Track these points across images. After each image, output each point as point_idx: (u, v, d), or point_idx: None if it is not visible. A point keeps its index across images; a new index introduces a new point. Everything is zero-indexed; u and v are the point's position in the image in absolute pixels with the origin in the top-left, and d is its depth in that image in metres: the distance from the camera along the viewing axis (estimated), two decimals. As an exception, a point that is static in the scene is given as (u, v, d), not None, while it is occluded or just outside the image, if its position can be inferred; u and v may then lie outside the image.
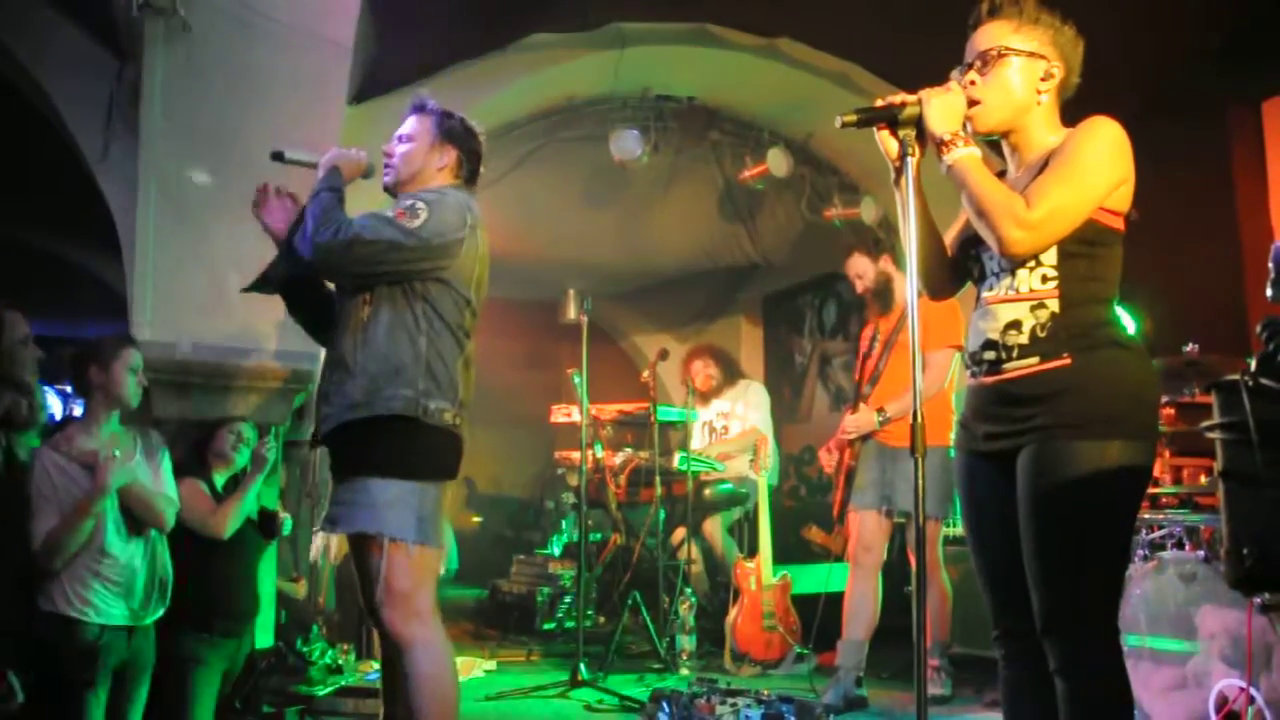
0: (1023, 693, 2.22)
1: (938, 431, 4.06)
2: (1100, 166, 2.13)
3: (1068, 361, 2.12)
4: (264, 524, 3.79)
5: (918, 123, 2.17)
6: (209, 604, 3.51)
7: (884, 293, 4.49)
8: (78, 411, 3.54)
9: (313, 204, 2.72)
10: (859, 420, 4.33)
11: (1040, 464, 2.12)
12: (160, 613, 3.28)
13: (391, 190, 2.92)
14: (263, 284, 2.94)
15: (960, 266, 2.36)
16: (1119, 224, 2.19)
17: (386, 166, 2.90)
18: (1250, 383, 2.40)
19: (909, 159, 2.17)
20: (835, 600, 4.41)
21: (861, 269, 4.52)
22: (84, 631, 3.05)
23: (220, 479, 3.72)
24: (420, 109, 2.93)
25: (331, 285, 2.96)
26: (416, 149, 2.88)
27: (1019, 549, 2.15)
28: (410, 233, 2.64)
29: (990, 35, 2.25)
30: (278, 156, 2.88)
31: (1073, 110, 2.29)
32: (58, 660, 3.03)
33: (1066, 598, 2.09)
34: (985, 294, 2.27)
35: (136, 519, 3.20)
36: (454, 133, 2.90)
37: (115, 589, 3.12)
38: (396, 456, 2.63)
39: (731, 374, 6.36)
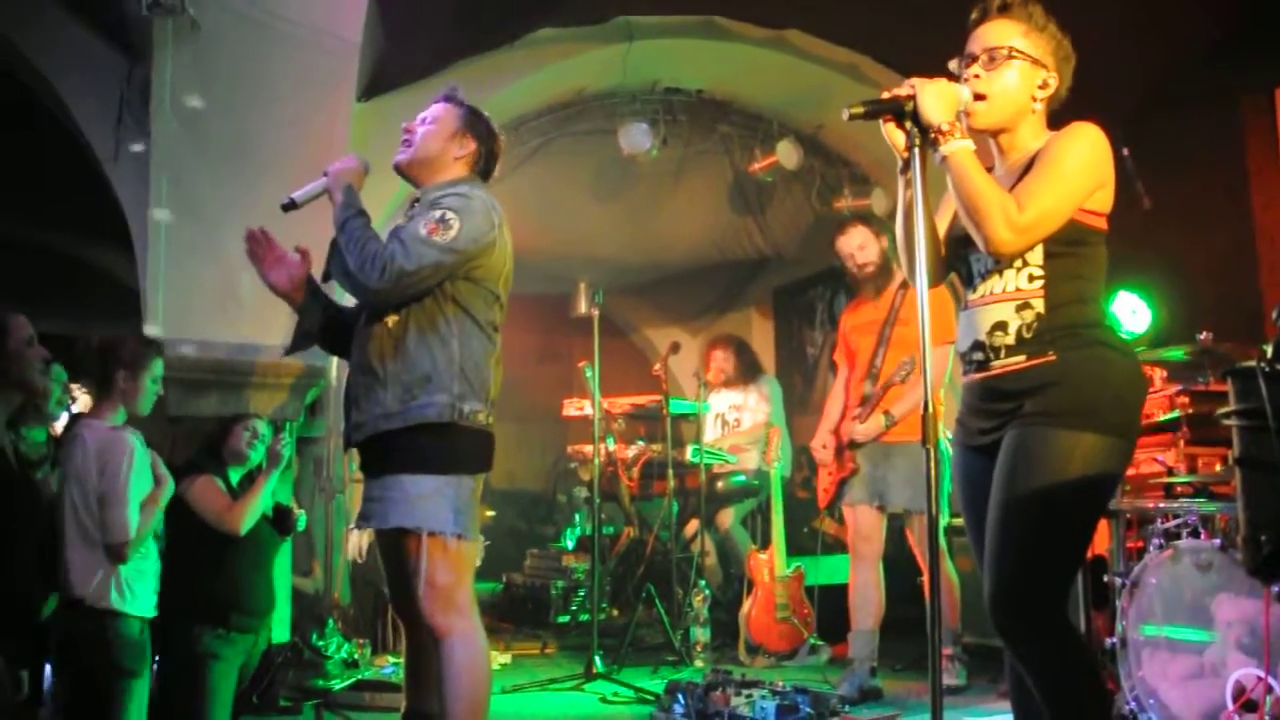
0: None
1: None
2: (1081, 170, 2.16)
3: (1053, 358, 2.15)
4: (279, 520, 3.81)
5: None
6: (225, 600, 3.53)
7: (882, 274, 4.41)
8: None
9: (344, 236, 2.67)
10: (869, 429, 4.23)
11: (1014, 447, 2.16)
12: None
13: (403, 169, 2.87)
14: (305, 340, 2.91)
15: (948, 263, 2.39)
16: (1101, 224, 2.22)
17: (405, 144, 2.86)
18: (1267, 369, 2.40)
19: (916, 150, 2.16)
20: (831, 592, 4.41)
21: (863, 240, 4.39)
22: (131, 624, 3.08)
23: (235, 475, 3.73)
24: (450, 99, 2.93)
25: (351, 300, 2.89)
26: (438, 132, 2.85)
27: None
28: (447, 248, 2.63)
29: (999, 32, 2.24)
30: (290, 206, 2.80)
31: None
32: (107, 652, 3.02)
33: (1015, 579, 2.11)
34: (971, 295, 2.31)
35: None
36: (477, 129, 2.90)
37: (151, 581, 3.16)
38: (431, 453, 2.63)
39: (748, 371, 6.30)
